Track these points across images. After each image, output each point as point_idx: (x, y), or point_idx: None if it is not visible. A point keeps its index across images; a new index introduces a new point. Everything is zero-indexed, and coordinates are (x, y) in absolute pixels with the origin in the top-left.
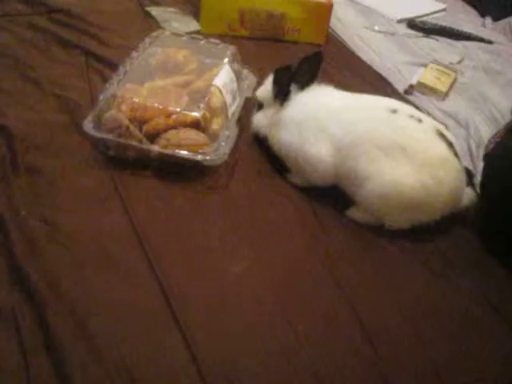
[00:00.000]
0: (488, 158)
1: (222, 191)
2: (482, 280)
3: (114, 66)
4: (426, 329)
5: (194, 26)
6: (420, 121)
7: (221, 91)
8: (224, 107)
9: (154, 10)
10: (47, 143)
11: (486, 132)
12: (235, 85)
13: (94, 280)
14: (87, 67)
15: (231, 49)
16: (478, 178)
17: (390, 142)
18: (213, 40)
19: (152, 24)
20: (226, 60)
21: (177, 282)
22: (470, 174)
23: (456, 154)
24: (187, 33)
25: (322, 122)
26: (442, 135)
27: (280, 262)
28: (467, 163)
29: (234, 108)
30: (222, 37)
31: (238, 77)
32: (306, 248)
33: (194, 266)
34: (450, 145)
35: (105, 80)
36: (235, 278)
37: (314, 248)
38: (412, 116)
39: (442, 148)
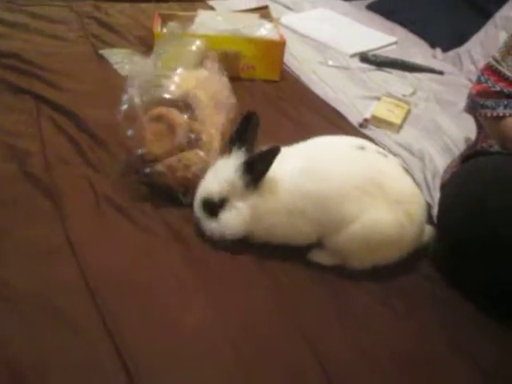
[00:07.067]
0: (444, 188)
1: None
2: (445, 318)
3: (65, 111)
4: (392, 373)
5: None
6: (386, 156)
7: None
8: None
9: (107, 53)
10: None
11: (440, 162)
12: None
13: (43, 339)
14: (38, 113)
15: None
16: (435, 210)
17: (367, 179)
18: None
19: (105, 66)
20: None
21: (130, 338)
22: (428, 206)
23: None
24: None
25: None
26: (406, 170)
27: (238, 311)
28: (424, 195)
29: None
30: None
31: None
32: (266, 296)
33: (149, 319)
34: (413, 179)
35: (56, 125)
36: (191, 330)
37: (273, 295)
38: (379, 152)
39: (410, 183)
